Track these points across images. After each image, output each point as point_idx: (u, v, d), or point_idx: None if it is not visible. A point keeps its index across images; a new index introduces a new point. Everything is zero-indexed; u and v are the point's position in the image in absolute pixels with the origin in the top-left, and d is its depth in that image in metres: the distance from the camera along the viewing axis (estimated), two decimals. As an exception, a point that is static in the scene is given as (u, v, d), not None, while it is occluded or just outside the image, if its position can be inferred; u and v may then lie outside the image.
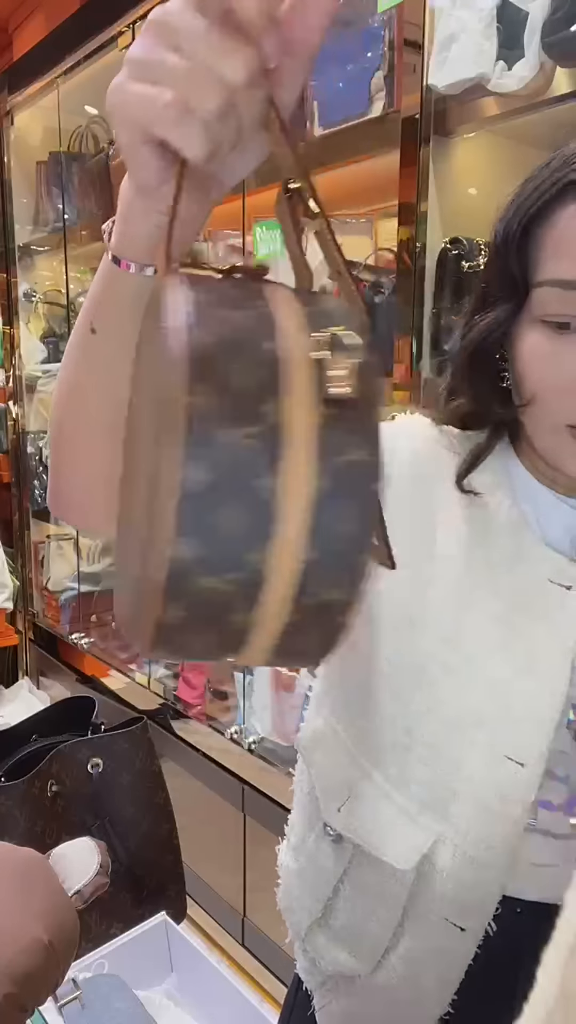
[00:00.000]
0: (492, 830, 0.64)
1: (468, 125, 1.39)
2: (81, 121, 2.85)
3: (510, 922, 0.67)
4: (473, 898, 0.66)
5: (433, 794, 0.66)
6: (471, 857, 0.65)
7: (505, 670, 0.63)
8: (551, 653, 0.63)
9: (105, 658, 2.72)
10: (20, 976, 0.63)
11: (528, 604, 0.64)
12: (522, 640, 0.64)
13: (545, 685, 0.63)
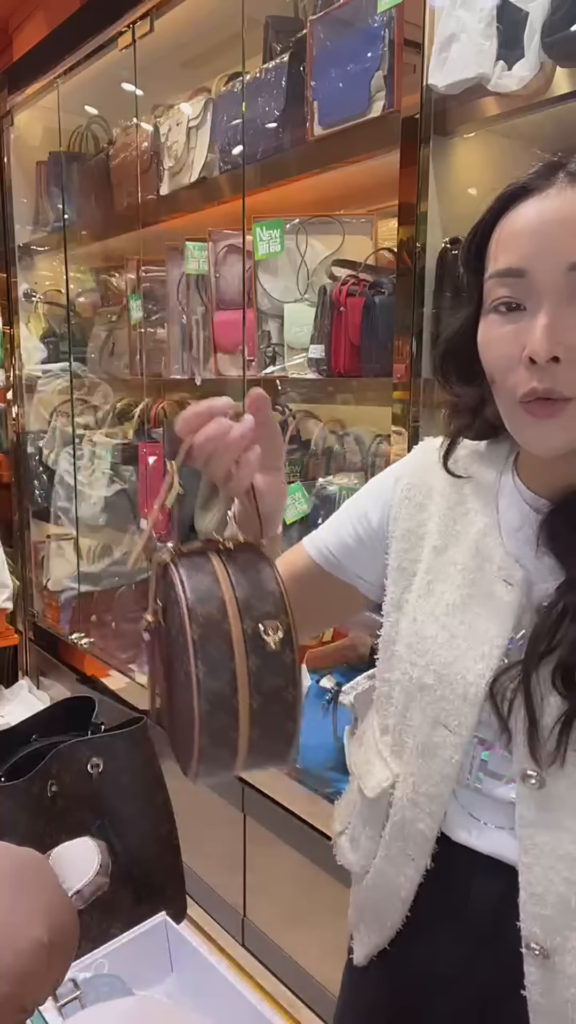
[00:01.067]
0: (428, 781, 0.79)
1: (468, 125, 1.39)
2: (81, 121, 2.85)
3: (459, 867, 0.79)
4: (415, 832, 0.81)
5: (396, 741, 0.83)
6: (412, 799, 0.81)
7: (451, 652, 0.76)
8: (489, 640, 0.74)
9: (105, 658, 2.72)
10: (20, 976, 0.63)
11: (479, 597, 0.75)
12: (466, 625, 0.76)
13: (479, 665, 0.74)
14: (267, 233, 1.80)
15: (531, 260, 0.65)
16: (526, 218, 0.67)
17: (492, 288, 0.68)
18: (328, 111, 1.64)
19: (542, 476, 0.76)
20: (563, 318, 0.64)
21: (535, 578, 0.74)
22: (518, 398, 0.67)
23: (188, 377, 2.21)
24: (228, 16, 1.91)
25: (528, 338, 0.65)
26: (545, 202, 0.66)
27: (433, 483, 0.83)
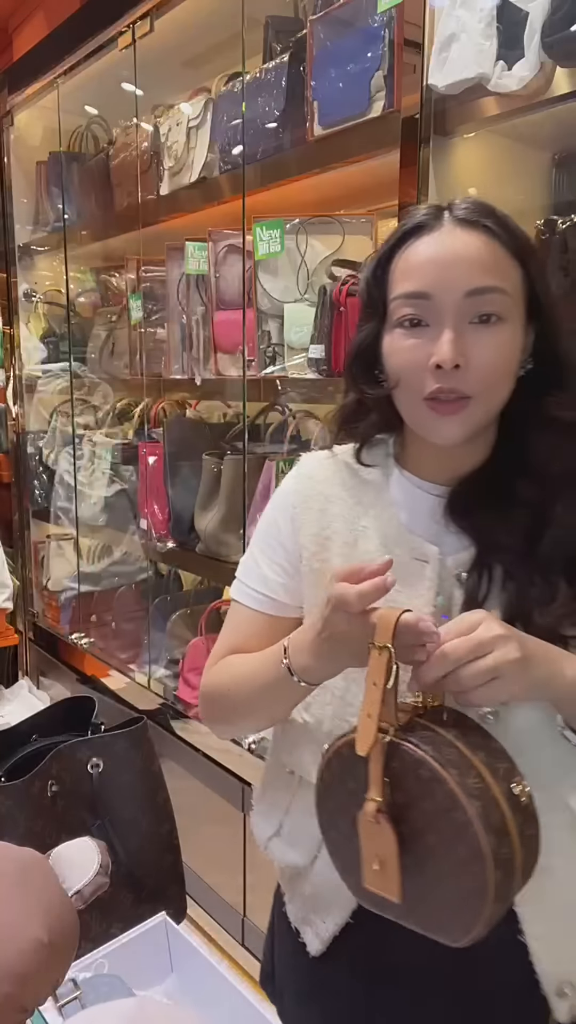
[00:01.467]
0: None
1: (468, 125, 1.39)
2: (81, 121, 2.85)
3: None
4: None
5: (334, 725, 0.87)
6: None
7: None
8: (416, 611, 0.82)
9: (105, 658, 2.72)
10: (20, 976, 0.63)
11: (398, 576, 0.79)
12: (391, 604, 0.80)
13: None
14: (267, 233, 1.80)
15: (434, 287, 0.80)
16: (427, 252, 0.81)
17: (398, 307, 0.82)
18: (328, 111, 1.64)
19: (432, 466, 0.89)
20: (462, 334, 0.79)
21: (445, 552, 0.85)
22: (424, 396, 0.81)
23: (188, 377, 2.21)
24: (228, 16, 1.91)
25: (435, 349, 0.79)
26: (441, 239, 0.81)
27: (326, 491, 0.94)
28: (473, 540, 0.85)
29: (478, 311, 0.79)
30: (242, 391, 1.99)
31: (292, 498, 0.96)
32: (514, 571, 0.82)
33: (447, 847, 0.66)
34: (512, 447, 0.86)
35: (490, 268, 0.79)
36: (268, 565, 0.97)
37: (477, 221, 0.80)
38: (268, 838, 1.00)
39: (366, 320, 0.88)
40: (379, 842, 0.70)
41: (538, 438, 0.84)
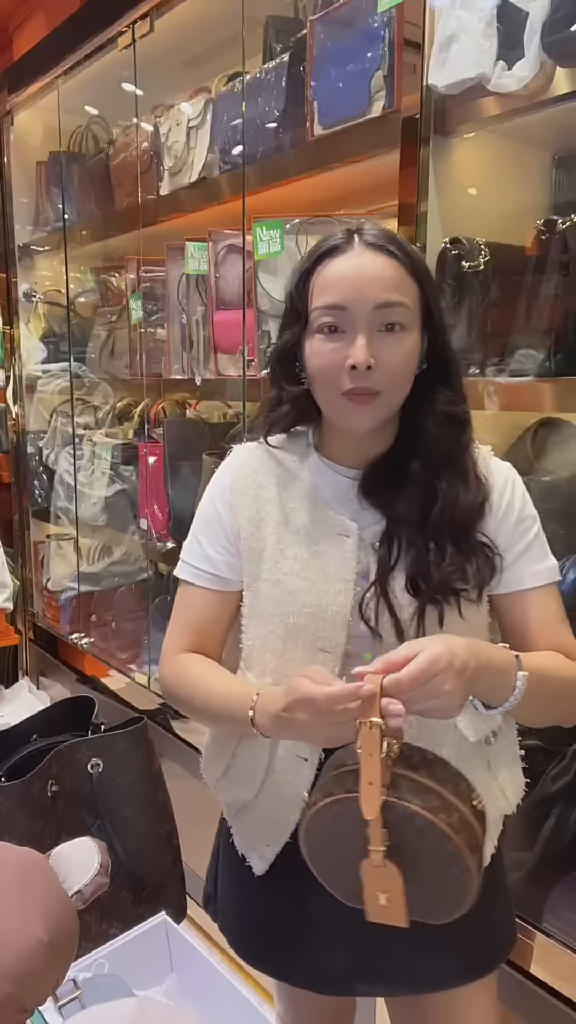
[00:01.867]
0: None
1: (468, 125, 1.39)
2: (81, 121, 2.85)
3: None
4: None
5: (276, 680, 1.02)
6: None
7: (314, 595, 1.00)
8: (341, 579, 1.00)
9: (105, 658, 2.72)
10: (20, 976, 0.63)
11: (323, 550, 1.01)
12: (321, 573, 1.00)
13: (339, 599, 0.99)
14: (267, 233, 1.80)
15: (349, 300, 0.94)
16: (343, 270, 0.95)
17: (318, 316, 0.96)
18: (328, 111, 1.64)
19: (346, 452, 1.04)
20: (373, 340, 0.94)
21: (362, 527, 1.01)
22: (342, 392, 0.95)
23: (188, 377, 2.21)
24: (228, 16, 1.91)
25: (350, 352, 0.93)
26: (353, 259, 0.95)
27: (257, 478, 1.08)
28: (382, 515, 1.01)
29: (385, 321, 0.94)
30: (242, 391, 1.99)
31: (227, 485, 1.09)
32: (414, 539, 0.98)
33: (439, 870, 0.82)
34: (410, 435, 1.02)
35: (394, 286, 0.94)
36: (211, 546, 1.10)
37: (383, 246, 0.95)
38: (217, 779, 1.14)
39: (288, 327, 1.02)
40: (385, 883, 0.83)
41: (427, 427, 1.00)
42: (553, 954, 1.29)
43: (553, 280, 1.30)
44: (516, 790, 1.08)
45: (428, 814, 0.79)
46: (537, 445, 1.47)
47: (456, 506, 0.98)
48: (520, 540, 1.02)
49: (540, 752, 1.49)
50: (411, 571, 0.97)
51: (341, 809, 0.84)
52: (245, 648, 1.09)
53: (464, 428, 1.02)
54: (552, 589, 1.04)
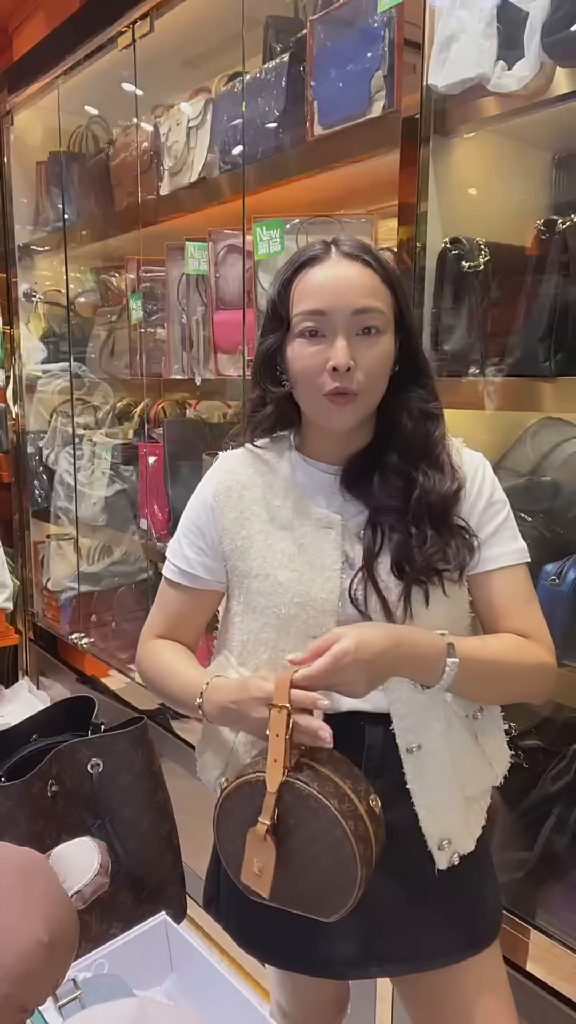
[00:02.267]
0: None
1: (468, 125, 1.39)
2: (81, 121, 2.85)
3: (348, 727, 1.04)
4: None
5: (271, 669, 1.06)
6: None
7: (303, 586, 1.06)
8: (327, 568, 1.06)
9: (105, 658, 2.72)
10: (20, 976, 0.63)
11: (309, 543, 1.07)
12: (308, 564, 1.06)
13: (326, 587, 1.05)
14: (267, 233, 1.80)
15: (329, 305, 1.00)
16: (322, 278, 1.02)
17: (300, 321, 1.02)
18: (328, 111, 1.64)
19: (327, 449, 1.11)
20: (352, 343, 1.00)
21: (345, 518, 1.08)
22: (323, 393, 1.01)
23: (188, 377, 2.21)
24: (228, 16, 1.91)
25: (331, 355, 1.00)
26: (331, 268, 1.02)
27: (243, 479, 1.14)
28: (364, 505, 1.08)
29: (362, 325, 1.01)
30: (242, 391, 1.99)
31: (212, 490, 1.15)
32: (397, 525, 1.05)
33: (327, 854, 0.92)
34: (387, 431, 1.09)
35: (371, 292, 1.01)
36: (189, 547, 1.17)
37: (358, 255, 1.02)
38: (216, 778, 1.17)
39: (270, 332, 1.08)
40: (262, 855, 0.94)
41: (403, 423, 1.07)
42: (553, 954, 1.30)
43: (553, 280, 1.30)
44: (502, 760, 1.16)
45: (322, 797, 0.90)
46: (537, 445, 1.47)
47: (433, 493, 1.05)
48: (490, 523, 1.09)
49: (540, 752, 1.49)
50: (395, 555, 1.04)
51: (249, 789, 0.96)
52: (239, 644, 1.14)
53: (437, 423, 1.09)
54: (521, 570, 1.10)
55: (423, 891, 1.09)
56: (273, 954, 1.18)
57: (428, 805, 1.06)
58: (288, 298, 1.05)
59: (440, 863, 1.08)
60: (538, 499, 1.42)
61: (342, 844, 0.90)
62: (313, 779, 0.92)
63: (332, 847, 0.91)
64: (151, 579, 2.71)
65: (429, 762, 1.06)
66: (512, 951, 1.32)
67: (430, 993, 1.15)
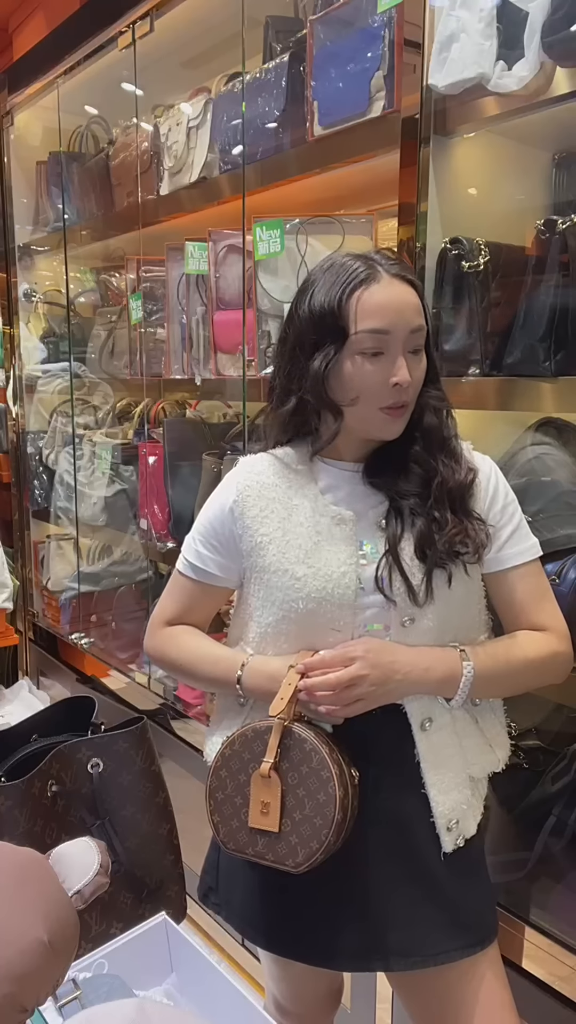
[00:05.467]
0: None
1: (468, 125, 1.39)
2: (81, 121, 2.85)
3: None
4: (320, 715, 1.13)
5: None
6: None
7: (320, 580, 1.11)
8: (344, 562, 1.11)
9: (105, 658, 2.72)
10: (20, 976, 0.63)
11: (325, 539, 1.13)
12: (325, 560, 1.11)
13: (343, 582, 1.10)
14: (267, 233, 1.80)
15: (392, 325, 1.06)
16: (384, 298, 1.06)
17: (363, 339, 1.06)
18: (328, 111, 1.64)
19: (352, 450, 1.17)
20: (408, 360, 1.08)
21: (366, 511, 1.14)
22: (382, 407, 1.09)
23: (188, 377, 2.21)
24: (228, 16, 1.91)
25: (394, 371, 1.07)
26: (390, 289, 1.07)
27: (264, 479, 1.18)
28: (384, 494, 1.14)
29: (414, 343, 1.09)
30: (242, 391, 1.99)
31: (233, 489, 1.19)
32: (417, 511, 1.11)
33: (312, 795, 1.03)
34: (408, 427, 1.14)
35: (418, 311, 1.09)
36: (203, 544, 1.22)
37: (406, 276, 1.10)
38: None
39: (322, 348, 1.09)
40: (267, 792, 1.05)
41: (425, 418, 1.14)
42: (553, 953, 1.30)
43: (553, 280, 1.30)
44: (503, 746, 1.21)
45: (317, 742, 1.04)
46: (537, 445, 1.47)
47: (452, 480, 1.12)
48: (508, 524, 1.16)
49: (540, 752, 1.49)
50: (419, 540, 1.10)
51: (252, 734, 1.08)
52: (257, 636, 1.18)
53: (450, 418, 1.17)
54: (536, 564, 1.17)
55: (428, 885, 1.12)
56: (275, 941, 1.20)
57: (438, 783, 1.12)
58: (345, 316, 1.07)
59: (447, 845, 1.11)
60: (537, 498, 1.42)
61: (327, 784, 1.02)
62: (308, 728, 1.06)
63: (318, 788, 1.02)
64: (151, 579, 2.71)
65: (438, 739, 1.12)
66: (511, 950, 1.32)
67: (431, 992, 1.16)
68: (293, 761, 1.04)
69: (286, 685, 1.07)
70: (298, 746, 1.05)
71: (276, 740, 1.05)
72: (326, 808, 1.01)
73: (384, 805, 1.12)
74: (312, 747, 1.04)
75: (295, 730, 1.05)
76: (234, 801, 1.08)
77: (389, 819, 1.12)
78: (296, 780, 1.04)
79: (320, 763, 1.03)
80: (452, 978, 1.13)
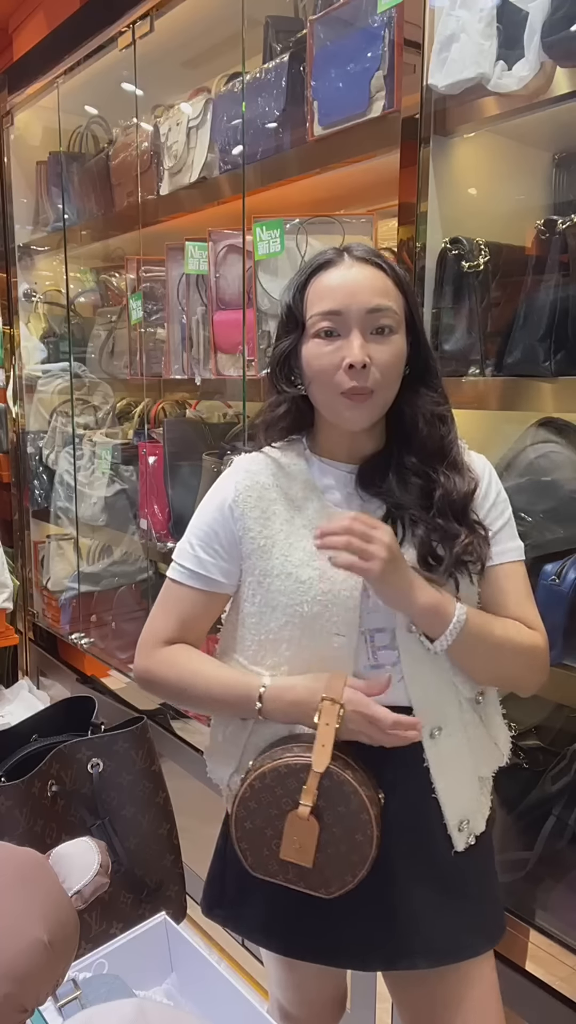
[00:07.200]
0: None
1: (468, 125, 1.39)
2: (81, 121, 2.85)
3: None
4: None
5: (292, 670, 1.11)
6: None
7: (325, 583, 1.07)
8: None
9: (105, 658, 2.72)
10: (20, 976, 0.63)
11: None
12: (329, 561, 1.03)
13: (348, 583, 1.07)
14: (267, 233, 1.80)
15: (344, 305, 1.03)
16: (337, 279, 1.06)
17: (316, 322, 1.05)
18: (328, 111, 1.64)
19: (342, 450, 1.13)
20: (366, 341, 1.03)
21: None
22: (340, 392, 1.04)
23: (188, 377, 2.21)
24: (228, 16, 1.91)
25: (347, 352, 1.03)
26: (346, 271, 1.06)
27: (262, 480, 1.14)
28: (382, 502, 1.10)
29: (376, 324, 1.04)
30: (242, 391, 1.99)
31: (231, 489, 1.14)
32: (418, 521, 1.08)
33: (348, 834, 1.01)
34: (401, 434, 1.11)
35: (383, 292, 1.04)
36: (202, 549, 1.16)
37: (370, 259, 1.06)
38: (229, 776, 1.19)
39: (285, 335, 1.10)
40: (304, 833, 1.02)
41: (418, 425, 1.10)
42: (553, 954, 1.30)
43: (553, 280, 1.31)
44: (506, 742, 1.21)
45: (355, 784, 1.01)
46: (537, 445, 1.47)
47: (455, 492, 1.08)
48: (498, 520, 1.14)
49: (540, 752, 1.49)
50: (421, 550, 1.07)
51: (286, 770, 1.03)
52: (255, 643, 1.14)
53: (449, 425, 1.12)
54: (521, 566, 1.16)
55: (445, 883, 1.13)
56: (296, 947, 1.19)
57: (448, 788, 1.11)
58: (303, 301, 1.07)
59: (458, 844, 1.12)
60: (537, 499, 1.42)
61: (366, 827, 1.00)
62: (346, 767, 1.02)
63: (355, 829, 1.00)
64: (151, 579, 2.71)
65: (447, 745, 1.11)
66: (512, 951, 1.32)
67: (432, 991, 1.16)
68: (331, 801, 1.01)
69: (324, 726, 1.02)
70: (337, 788, 1.01)
71: (315, 784, 1.01)
72: (364, 848, 1.01)
73: (401, 808, 1.10)
74: (352, 790, 1.01)
75: (332, 771, 1.01)
76: (264, 832, 1.05)
77: (406, 822, 1.11)
78: (332, 819, 1.01)
79: (360, 806, 1.00)
80: (453, 979, 1.13)
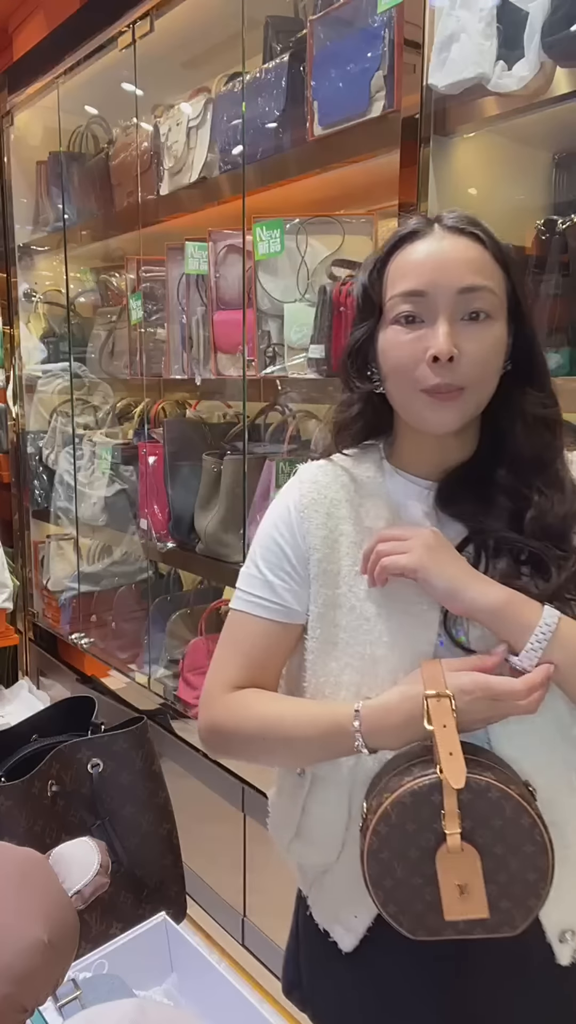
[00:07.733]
0: None
1: (468, 125, 1.39)
2: (81, 121, 2.85)
3: None
4: None
5: None
6: (379, 757, 0.89)
7: (392, 621, 0.91)
8: (422, 602, 0.89)
9: (105, 658, 2.72)
10: (20, 976, 0.63)
11: None
12: (401, 596, 0.90)
13: (421, 620, 0.90)
14: (267, 233, 1.80)
15: (430, 285, 0.85)
16: (422, 254, 0.87)
17: (395, 305, 0.88)
18: (328, 111, 1.64)
19: (423, 460, 0.95)
20: (457, 329, 0.85)
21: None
22: (421, 388, 0.86)
23: (188, 377, 2.21)
24: (228, 16, 1.91)
25: (431, 342, 0.85)
26: (434, 243, 0.87)
27: (330, 494, 0.97)
28: (464, 526, 0.92)
29: (469, 308, 0.86)
30: (242, 391, 1.99)
31: (296, 504, 0.97)
32: (502, 547, 0.90)
33: (515, 851, 0.79)
34: (494, 441, 0.93)
35: (479, 269, 0.86)
36: (271, 572, 0.97)
37: (465, 228, 0.88)
38: (289, 841, 1.01)
39: (360, 321, 0.94)
40: (462, 869, 0.79)
41: (515, 431, 0.91)
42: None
43: (553, 280, 1.31)
44: None
45: (500, 784, 0.78)
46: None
47: (551, 514, 0.88)
48: None
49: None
50: (503, 580, 0.87)
51: (412, 800, 0.80)
52: (312, 687, 0.95)
53: (556, 432, 0.92)
54: None
55: (540, 995, 0.95)
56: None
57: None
58: (382, 281, 0.90)
59: (562, 959, 0.92)
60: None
61: (531, 833, 0.79)
62: (480, 769, 0.80)
63: (521, 840, 0.79)
64: (151, 579, 2.71)
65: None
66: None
67: None
68: (480, 818, 0.79)
69: (441, 729, 0.80)
70: (482, 799, 0.79)
71: (454, 803, 0.79)
72: (538, 860, 0.79)
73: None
74: (501, 794, 0.79)
75: (469, 779, 0.79)
76: (411, 883, 0.82)
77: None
78: (489, 839, 0.79)
79: (515, 810, 0.79)
80: None
